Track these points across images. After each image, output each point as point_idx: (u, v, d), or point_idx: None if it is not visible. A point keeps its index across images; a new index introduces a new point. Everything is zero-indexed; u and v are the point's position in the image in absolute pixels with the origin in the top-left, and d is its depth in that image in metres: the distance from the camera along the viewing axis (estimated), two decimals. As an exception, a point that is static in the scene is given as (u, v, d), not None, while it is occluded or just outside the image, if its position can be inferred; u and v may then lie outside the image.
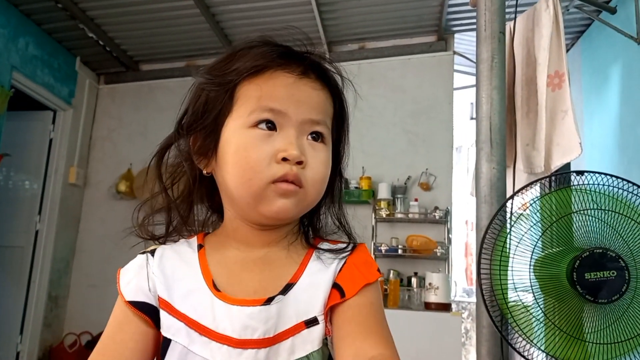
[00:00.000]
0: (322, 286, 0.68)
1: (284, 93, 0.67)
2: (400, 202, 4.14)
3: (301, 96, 0.68)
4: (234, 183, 0.68)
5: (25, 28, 4.24)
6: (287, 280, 0.69)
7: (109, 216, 4.92)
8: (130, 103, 5.16)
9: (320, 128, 0.70)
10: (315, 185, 0.69)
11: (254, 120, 0.67)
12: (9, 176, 4.73)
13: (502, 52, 1.97)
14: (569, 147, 2.05)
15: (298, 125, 0.67)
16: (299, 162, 0.66)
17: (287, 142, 0.66)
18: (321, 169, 0.69)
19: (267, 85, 0.67)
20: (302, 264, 0.71)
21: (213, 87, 0.70)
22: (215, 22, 4.34)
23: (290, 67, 0.69)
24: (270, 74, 0.68)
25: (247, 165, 0.66)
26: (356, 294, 0.67)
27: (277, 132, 0.67)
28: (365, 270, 0.70)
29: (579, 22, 4.20)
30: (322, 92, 0.71)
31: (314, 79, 0.70)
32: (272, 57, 0.68)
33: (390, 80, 4.58)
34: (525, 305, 1.46)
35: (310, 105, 0.68)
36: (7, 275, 4.55)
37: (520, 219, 1.53)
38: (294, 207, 0.68)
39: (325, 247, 0.73)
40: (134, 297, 0.70)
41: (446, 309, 3.48)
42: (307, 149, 0.68)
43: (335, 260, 0.71)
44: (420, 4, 4.14)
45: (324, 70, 0.72)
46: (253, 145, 0.66)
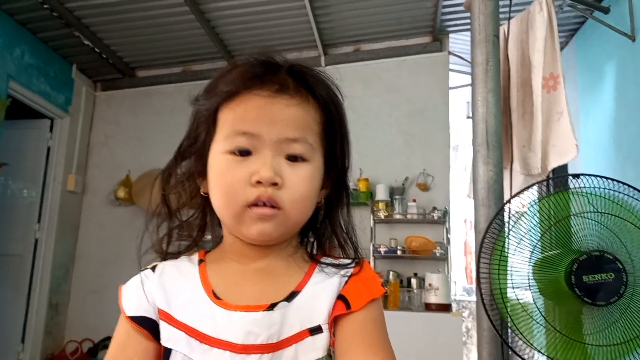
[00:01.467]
0: (327, 296, 0.69)
1: (255, 114, 0.67)
2: (398, 203, 4.15)
3: (275, 115, 0.67)
4: (216, 205, 0.70)
5: (21, 37, 4.24)
6: (291, 288, 0.69)
7: (107, 222, 4.92)
8: (127, 109, 5.16)
9: (298, 147, 0.68)
10: (295, 205, 0.68)
11: (229, 146, 0.67)
12: (7, 185, 4.73)
13: (497, 55, 1.99)
14: (565, 149, 2.07)
15: (273, 145, 0.67)
16: (274, 183, 0.66)
17: (260, 164, 0.66)
18: (301, 187, 0.68)
19: (239, 108, 0.68)
20: (307, 274, 0.71)
21: (202, 113, 0.72)
22: (211, 28, 4.35)
23: (264, 86, 0.68)
24: (243, 96, 0.68)
25: (224, 190, 0.68)
26: (362, 309, 0.67)
27: (252, 155, 0.67)
28: (370, 285, 0.70)
29: (573, 20, 4.22)
30: (300, 106, 0.69)
31: (291, 93, 0.68)
32: (245, 78, 0.68)
33: (386, 81, 4.60)
34: (524, 308, 1.47)
35: (286, 122, 0.67)
36: (8, 284, 4.55)
37: (521, 217, 1.54)
38: (274, 229, 0.68)
39: (327, 261, 0.74)
40: (134, 312, 0.71)
41: (446, 310, 3.49)
42: (284, 168, 0.67)
43: (339, 274, 0.71)
44: (415, 5, 4.16)
45: (306, 80, 0.70)
46: (228, 170, 0.67)
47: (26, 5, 3.98)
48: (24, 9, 4.04)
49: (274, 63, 0.71)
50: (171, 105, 4.99)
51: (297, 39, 4.59)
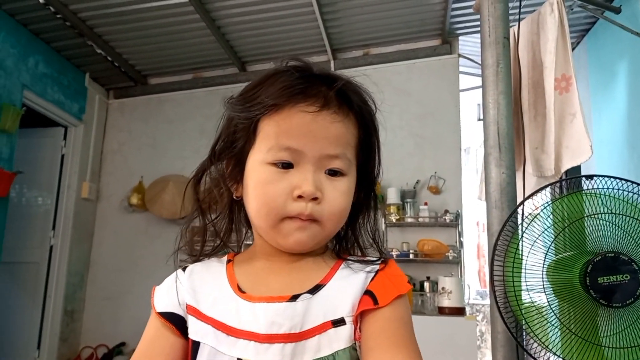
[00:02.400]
0: (352, 290, 0.70)
1: (300, 131, 0.68)
2: (409, 207, 4.15)
3: (318, 132, 0.68)
4: (253, 214, 0.72)
5: (35, 47, 4.30)
6: (316, 281, 0.71)
7: (121, 229, 4.97)
8: (140, 116, 5.21)
9: (338, 163, 0.70)
10: (332, 218, 0.70)
11: (272, 158, 0.69)
12: (22, 193, 4.79)
13: (507, 57, 1.99)
14: (579, 150, 2.06)
15: (315, 161, 0.69)
16: (315, 198, 0.68)
17: (302, 179, 0.68)
18: (339, 201, 0.70)
19: (284, 122, 0.68)
20: (332, 269, 0.73)
21: (240, 119, 0.72)
22: (221, 35, 4.38)
23: (309, 101, 0.69)
24: (288, 110, 0.69)
25: (264, 201, 0.69)
26: (388, 305, 0.68)
27: (294, 168, 0.69)
28: (397, 282, 0.71)
29: (584, 20, 4.20)
30: (342, 122, 0.70)
31: (334, 109, 0.70)
32: (291, 93, 0.68)
33: (396, 85, 4.60)
34: (539, 310, 1.46)
35: (328, 140, 0.69)
36: (23, 291, 4.60)
37: (535, 220, 1.53)
38: (310, 240, 0.70)
39: (354, 258, 0.76)
40: (163, 309, 0.75)
41: (460, 313, 3.48)
42: (324, 182, 0.69)
43: (366, 273, 0.72)
44: (424, 8, 4.16)
45: (347, 95, 0.72)
46: (270, 182, 0.68)
47: (40, 16, 4.04)
48: (37, 19, 4.10)
49: (317, 75, 0.71)
50: (182, 112, 5.03)
51: (307, 44, 4.61)
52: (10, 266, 4.43)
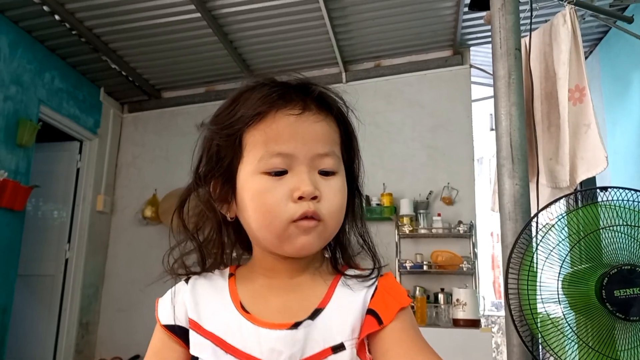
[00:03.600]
0: (352, 312, 0.70)
1: (288, 133, 0.68)
2: (423, 218, 4.13)
3: (305, 133, 0.69)
4: (256, 226, 0.71)
5: (51, 62, 4.38)
6: (315, 304, 0.71)
7: (136, 241, 5.00)
8: (153, 130, 5.27)
9: (329, 161, 0.71)
10: (333, 216, 0.70)
11: (264, 167, 0.69)
12: (38, 206, 4.85)
13: (519, 69, 1.99)
14: (595, 161, 2.04)
15: (307, 162, 0.69)
16: (314, 197, 0.68)
17: (299, 180, 0.68)
18: (337, 198, 0.71)
19: (270, 129, 0.69)
20: (330, 289, 0.72)
21: (221, 138, 0.72)
22: (233, 49, 4.42)
23: (290, 104, 0.70)
24: (272, 117, 0.69)
25: (265, 210, 0.68)
26: (394, 320, 0.69)
27: (288, 173, 0.69)
28: (396, 295, 0.72)
29: (596, 30, 4.18)
30: (324, 122, 0.72)
31: (315, 110, 0.71)
32: (271, 100, 0.70)
33: (408, 96, 4.60)
34: (555, 323, 1.45)
35: (316, 139, 0.70)
36: (39, 304, 4.65)
37: (549, 231, 1.52)
38: (316, 241, 0.70)
39: (351, 273, 0.75)
40: (167, 321, 0.75)
41: (475, 325, 3.44)
42: (320, 182, 0.70)
43: (364, 288, 0.72)
44: (435, 20, 4.17)
45: (323, 98, 0.73)
46: (267, 190, 0.68)
47: (56, 32, 4.11)
48: (53, 36, 4.17)
49: (289, 84, 0.72)
50: (195, 125, 5.06)
51: (318, 57, 4.64)
52: (27, 279, 4.48)
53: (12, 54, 3.95)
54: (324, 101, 0.73)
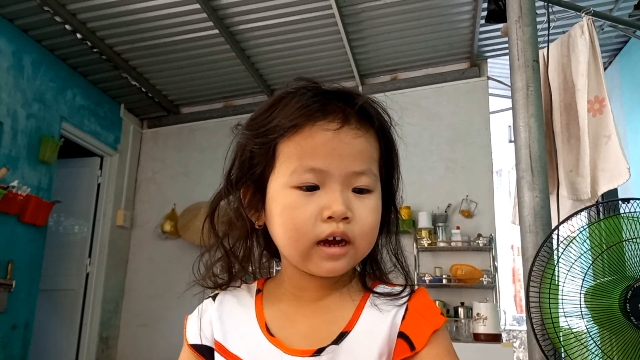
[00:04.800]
0: (380, 335, 0.66)
1: (324, 150, 0.65)
2: (441, 231, 4.10)
3: (342, 149, 0.65)
4: (282, 242, 0.68)
5: (73, 80, 4.47)
6: (341, 327, 0.67)
7: (155, 255, 5.04)
8: (172, 145, 5.33)
9: (365, 179, 0.67)
10: (365, 237, 0.67)
11: (296, 181, 0.65)
12: (60, 221, 4.92)
13: (537, 80, 1.98)
14: (617, 172, 2.02)
15: (342, 179, 0.65)
16: (345, 217, 0.64)
17: (331, 199, 0.64)
18: (370, 219, 0.67)
19: (306, 142, 0.65)
20: (357, 310, 0.69)
21: (255, 145, 0.69)
22: (251, 64, 4.47)
23: (329, 117, 0.66)
24: (309, 130, 0.65)
25: (293, 226, 0.65)
26: (427, 344, 0.65)
27: (320, 190, 0.65)
28: (429, 316, 0.68)
29: (615, 40, 4.15)
30: (364, 137, 0.67)
31: (355, 125, 0.67)
32: (310, 111, 0.66)
33: (425, 109, 4.59)
34: (578, 337, 1.42)
35: (353, 156, 0.66)
36: (61, 318, 4.69)
37: (571, 244, 1.50)
38: (344, 266, 0.67)
39: (381, 290, 0.71)
40: (194, 341, 0.73)
41: (496, 340, 3.39)
42: (353, 201, 0.66)
43: (394, 308, 0.69)
44: (451, 32, 4.17)
45: (366, 110, 0.68)
46: (297, 206, 0.65)
47: (78, 50, 4.20)
48: (75, 54, 4.27)
49: (331, 93, 0.69)
50: (214, 140, 5.12)
51: (335, 71, 4.67)
52: (48, 293, 4.53)
53: (35, 73, 4.04)
54: (366, 114, 0.68)
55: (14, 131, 3.81)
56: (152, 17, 3.81)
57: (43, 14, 3.73)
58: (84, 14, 3.80)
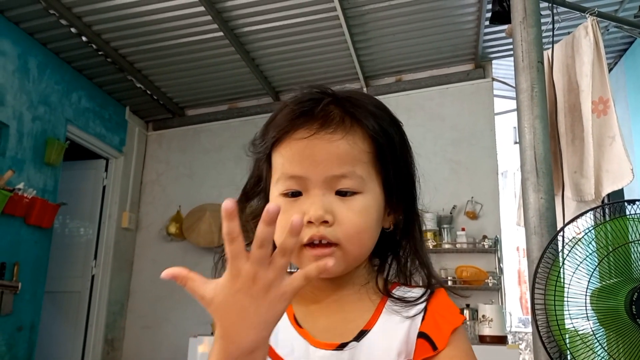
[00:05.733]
0: (399, 335, 0.68)
1: (300, 157, 0.67)
2: (446, 232, 4.09)
3: (318, 154, 0.66)
4: None
5: (78, 83, 4.49)
6: (360, 326, 0.69)
7: (160, 257, 5.04)
8: (177, 147, 5.34)
9: (347, 182, 0.67)
10: (351, 239, 0.67)
11: (281, 188, 0.68)
12: (65, 224, 4.94)
13: (542, 82, 1.97)
14: (620, 173, 2.01)
15: (321, 184, 0.66)
16: (325, 221, 0.65)
17: (310, 203, 0.66)
18: (354, 221, 0.66)
19: (286, 151, 0.68)
20: (376, 311, 0.70)
21: (259, 157, 0.74)
22: (255, 66, 4.48)
23: (307, 124, 0.66)
24: (289, 138, 0.68)
25: (280, 232, 0.65)
26: (449, 344, 0.66)
27: (303, 195, 0.67)
28: (448, 315, 0.69)
29: (620, 40, 4.13)
30: (344, 139, 0.66)
31: (334, 127, 0.66)
32: (289, 120, 0.68)
33: (429, 110, 4.59)
34: (584, 339, 1.41)
35: (330, 160, 0.66)
36: (66, 320, 4.71)
37: (576, 245, 1.49)
38: (334, 266, 0.65)
39: (400, 294, 0.72)
40: None
41: (502, 342, 3.38)
42: (335, 204, 0.66)
43: (413, 309, 0.69)
44: (456, 34, 4.17)
45: (349, 110, 0.68)
46: (283, 212, 0.64)
47: (83, 53, 4.22)
48: (81, 57, 4.29)
49: (317, 97, 0.69)
50: (218, 142, 5.13)
51: (339, 72, 4.67)
52: (54, 295, 4.54)
53: (40, 75, 4.06)
54: (351, 113, 0.68)
55: (19, 134, 3.83)
56: (157, 19, 3.82)
57: (48, 17, 3.75)
58: (89, 17, 3.82)
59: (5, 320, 3.67)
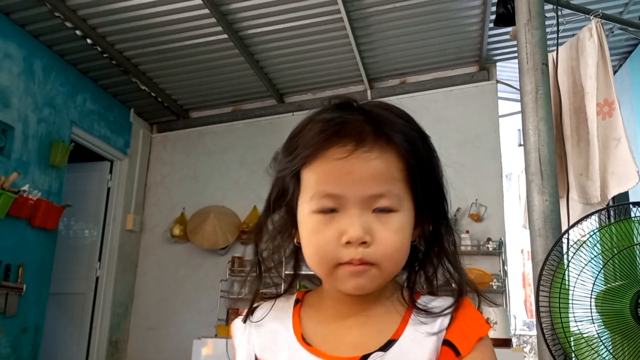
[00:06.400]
0: (428, 345, 0.67)
1: (337, 175, 0.65)
2: (451, 235, 4.07)
3: (356, 174, 0.65)
4: (309, 263, 0.70)
5: (83, 85, 4.50)
6: (387, 336, 0.67)
7: (164, 259, 5.05)
8: (181, 149, 5.35)
9: (384, 201, 0.66)
10: (388, 259, 0.66)
11: (315, 206, 0.67)
12: (70, 225, 4.95)
13: (547, 84, 1.97)
14: (626, 176, 2.00)
15: (358, 203, 0.65)
16: (364, 242, 0.64)
17: (348, 223, 0.64)
18: (392, 240, 0.66)
19: (321, 169, 0.66)
20: (403, 320, 0.69)
21: (286, 172, 0.71)
22: (260, 68, 4.49)
23: (342, 141, 0.65)
24: (323, 156, 0.66)
25: (315, 250, 0.67)
26: (472, 350, 0.66)
27: (339, 212, 0.66)
28: (474, 325, 0.68)
29: (625, 42, 4.12)
30: (380, 159, 0.66)
31: (370, 145, 0.65)
32: (326, 136, 0.66)
33: (433, 112, 4.58)
34: (589, 342, 1.41)
35: (367, 180, 0.65)
36: (72, 322, 4.71)
37: (581, 248, 1.49)
38: (369, 283, 0.66)
39: (425, 304, 0.71)
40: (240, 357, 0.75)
41: (506, 345, 3.36)
42: (374, 224, 0.65)
43: (439, 318, 0.69)
44: (460, 36, 4.17)
45: (382, 128, 0.67)
46: (318, 230, 0.66)
47: (88, 55, 4.24)
48: (85, 59, 4.30)
49: (353, 110, 0.69)
50: (222, 144, 5.14)
51: (343, 75, 4.67)
52: (58, 297, 4.55)
53: (45, 78, 4.08)
54: (383, 130, 0.67)
55: (24, 136, 3.85)
56: (162, 22, 3.83)
57: (53, 19, 3.77)
58: (94, 20, 3.83)
59: (10, 322, 3.68)
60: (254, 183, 4.72)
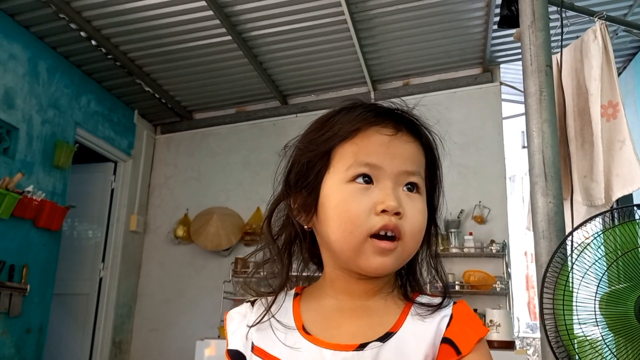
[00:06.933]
0: (426, 339, 0.68)
1: (379, 148, 0.70)
2: (454, 237, 4.07)
3: (396, 150, 0.70)
4: (335, 236, 0.70)
5: (87, 86, 4.52)
6: (386, 328, 0.69)
7: (168, 260, 5.06)
8: (185, 150, 5.36)
9: (415, 179, 0.71)
10: (414, 236, 0.70)
11: (352, 174, 0.69)
12: (74, 226, 4.96)
13: (550, 85, 1.96)
14: (630, 178, 2.00)
15: (394, 177, 0.69)
16: (397, 212, 0.67)
17: (384, 194, 0.68)
18: (419, 218, 0.70)
19: (362, 142, 0.70)
20: (402, 315, 0.71)
21: (315, 149, 0.73)
22: (263, 70, 4.49)
23: (384, 124, 0.71)
24: (364, 133, 0.71)
25: (347, 219, 0.68)
26: (472, 351, 0.67)
27: (374, 185, 0.69)
28: (474, 325, 0.70)
29: (630, 44, 4.11)
30: (414, 144, 0.73)
31: (406, 133, 0.73)
32: (368, 118, 0.71)
33: (436, 114, 4.50)
34: (593, 345, 1.40)
35: (404, 157, 0.71)
36: (76, 323, 4.73)
37: (585, 250, 1.48)
38: (392, 262, 0.69)
39: (423, 301, 0.73)
40: (232, 346, 0.75)
41: (510, 347, 3.36)
42: (404, 199, 0.69)
43: (438, 315, 0.71)
44: (463, 38, 4.16)
45: (414, 125, 0.75)
46: (352, 199, 0.68)
47: (92, 57, 4.26)
48: (90, 60, 4.32)
49: (385, 109, 0.74)
50: (226, 146, 5.15)
51: (347, 76, 4.67)
52: (62, 298, 4.56)
53: (50, 79, 4.10)
54: (415, 128, 0.74)
55: (29, 137, 3.86)
56: (166, 23, 3.85)
57: (58, 21, 3.79)
58: (98, 21, 3.84)
59: (14, 322, 3.70)
60: (258, 184, 4.73)
